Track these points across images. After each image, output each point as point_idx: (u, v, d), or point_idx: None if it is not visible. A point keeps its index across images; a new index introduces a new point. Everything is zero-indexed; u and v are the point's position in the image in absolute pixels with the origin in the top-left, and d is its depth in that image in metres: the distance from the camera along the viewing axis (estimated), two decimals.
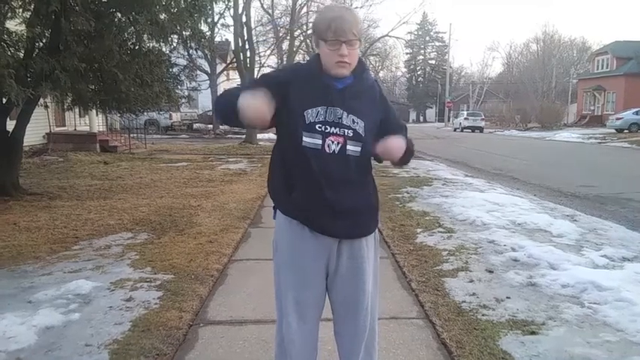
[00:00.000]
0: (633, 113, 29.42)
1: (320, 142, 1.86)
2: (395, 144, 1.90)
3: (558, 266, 4.24)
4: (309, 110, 1.86)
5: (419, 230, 5.64)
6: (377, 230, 2.11)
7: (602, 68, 43.10)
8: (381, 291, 3.70)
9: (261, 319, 3.26)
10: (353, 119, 1.89)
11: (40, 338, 2.98)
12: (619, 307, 3.37)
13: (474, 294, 3.71)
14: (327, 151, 1.86)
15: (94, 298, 3.61)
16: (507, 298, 3.63)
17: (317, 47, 1.91)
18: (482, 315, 3.34)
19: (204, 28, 11.19)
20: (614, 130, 29.56)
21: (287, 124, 1.89)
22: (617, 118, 30.24)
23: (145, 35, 7.40)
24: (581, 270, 4.11)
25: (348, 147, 1.88)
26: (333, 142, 1.86)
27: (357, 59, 1.90)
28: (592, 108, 43.82)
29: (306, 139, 1.86)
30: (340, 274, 2.00)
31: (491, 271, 4.22)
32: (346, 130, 1.88)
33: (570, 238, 5.27)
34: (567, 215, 6.48)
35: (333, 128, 1.87)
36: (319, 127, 1.86)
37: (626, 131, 28.30)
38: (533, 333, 3.06)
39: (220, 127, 29.99)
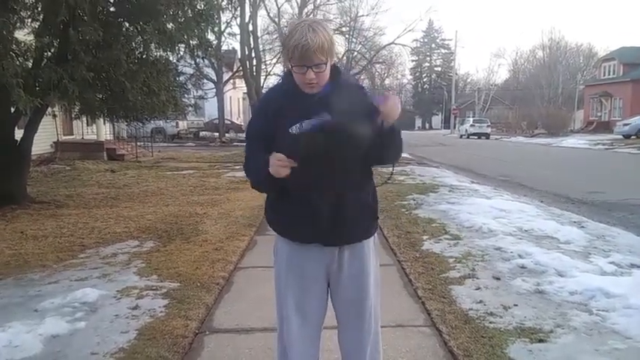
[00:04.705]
0: None
1: None
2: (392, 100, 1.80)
3: (566, 273, 4.21)
4: (294, 127, 1.84)
5: (425, 237, 5.62)
6: (375, 234, 2.11)
7: (609, 74, 42.91)
8: (387, 298, 3.71)
9: (268, 327, 3.24)
10: None
11: (46, 347, 2.99)
12: (628, 315, 3.35)
13: (480, 301, 3.69)
14: None
15: (100, 306, 3.62)
16: (515, 305, 3.60)
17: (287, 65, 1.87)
18: (490, 323, 3.31)
19: (210, 37, 11.23)
20: (621, 136, 29.31)
21: (275, 143, 1.85)
22: (625, 124, 30.02)
23: (153, 44, 7.46)
24: (589, 277, 4.08)
25: None
26: None
27: (327, 77, 1.84)
28: (599, 114, 43.59)
29: None
30: (343, 278, 2.00)
31: (498, 279, 4.20)
32: None
33: (578, 244, 5.22)
34: (575, 222, 6.43)
35: None
36: None
37: (633, 137, 28.02)
38: (541, 341, 3.04)
39: (226, 135, 30.12)
